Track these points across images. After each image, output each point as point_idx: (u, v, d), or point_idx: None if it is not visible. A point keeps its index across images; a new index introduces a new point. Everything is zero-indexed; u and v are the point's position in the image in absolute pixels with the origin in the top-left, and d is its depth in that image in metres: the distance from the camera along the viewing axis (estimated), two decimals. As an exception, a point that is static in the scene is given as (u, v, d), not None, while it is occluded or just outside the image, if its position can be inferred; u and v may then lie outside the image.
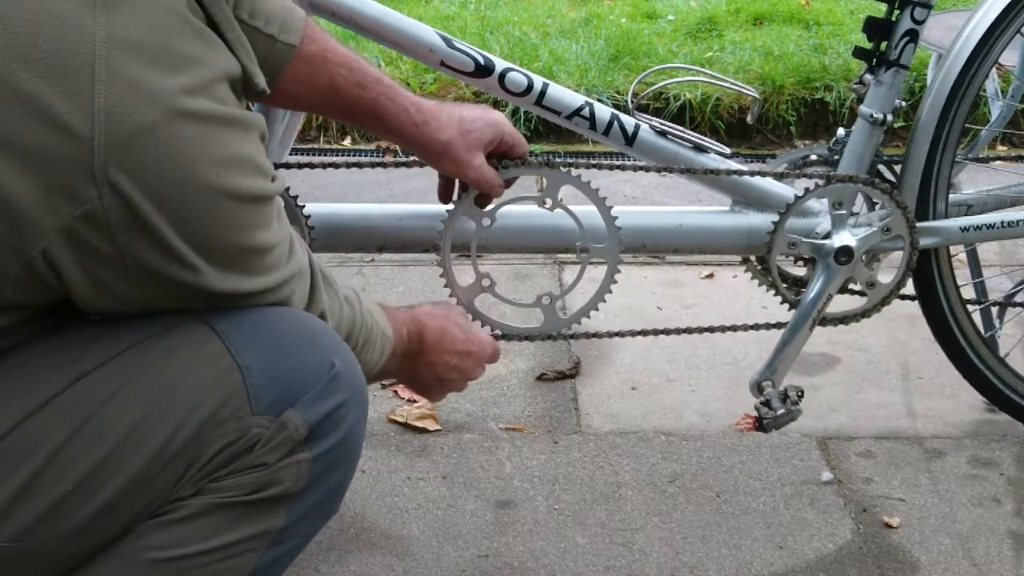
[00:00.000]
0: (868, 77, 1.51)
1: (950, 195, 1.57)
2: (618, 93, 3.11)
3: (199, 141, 0.86)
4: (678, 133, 1.50)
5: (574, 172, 1.43)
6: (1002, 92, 2.34)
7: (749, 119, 1.95)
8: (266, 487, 0.93)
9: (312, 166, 1.52)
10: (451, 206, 1.42)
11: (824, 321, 1.56)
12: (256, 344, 0.93)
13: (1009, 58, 1.99)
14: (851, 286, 1.57)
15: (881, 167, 1.56)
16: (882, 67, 1.50)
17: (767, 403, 1.52)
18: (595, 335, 1.56)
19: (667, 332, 1.57)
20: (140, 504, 0.90)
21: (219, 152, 0.88)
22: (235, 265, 0.92)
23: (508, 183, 1.39)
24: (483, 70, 1.44)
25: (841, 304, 1.57)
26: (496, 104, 3.12)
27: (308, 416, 0.93)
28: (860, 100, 1.52)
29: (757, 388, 1.54)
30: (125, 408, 0.89)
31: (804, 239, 1.51)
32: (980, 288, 1.85)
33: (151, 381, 0.90)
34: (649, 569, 1.43)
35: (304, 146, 3.10)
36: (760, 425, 1.53)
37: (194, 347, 0.92)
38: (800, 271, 1.58)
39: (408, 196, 2.60)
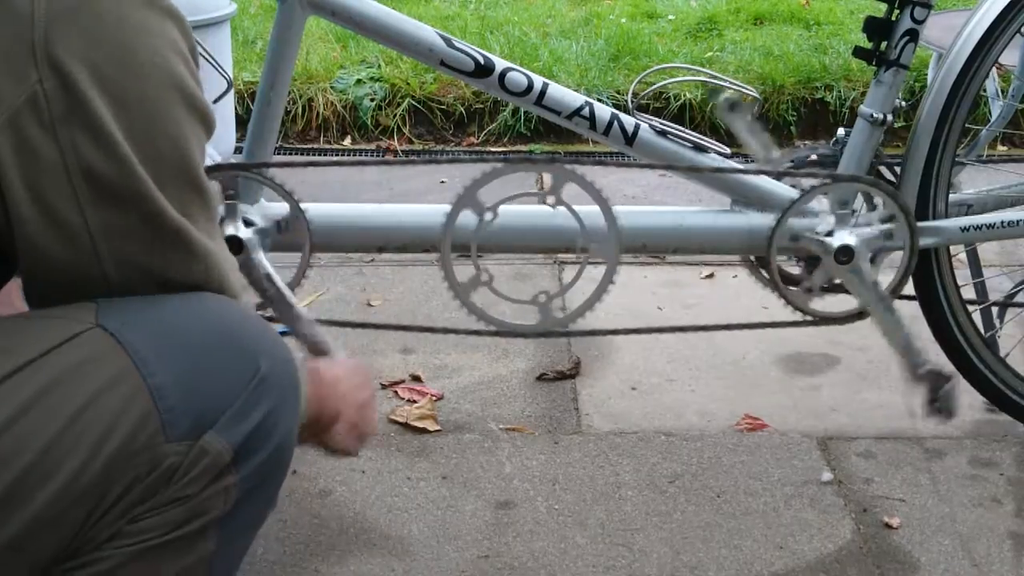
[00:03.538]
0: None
1: (950, 195, 1.57)
2: (618, 93, 3.11)
3: (148, 20, 0.81)
4: (678, 133, 1.50)
5: (578, 171, 1.43)
6: (1002, 92, 2.34)
7: (749, 119, 1.95)
8: (191, 519, 0.84)
9: (313, 165, 1.52)
10: (450, 206, 1.43)
11: (824, 321, 1.56)
12: (167, 355, 0.82)
13: (1009, 58, 1.99)
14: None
15: (881, 167, 1.56)
16: (882, 67, 1.50)
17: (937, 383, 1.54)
18: (595, 334, 1.56)
19: (667, 331, 1.57)
20: (49, 544, 0.80)
21: (168, 37, 0.83)
22: (174, 186, 0.84)
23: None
24: (483, 70, 1.45)
25: (841, 304, 1.57)
26: (496, 104, 3.13)
27: (232, 437, 0.84)
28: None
29: (926, 375, 1.54)
30: (23, 440, 0.77)
31: (804, 239, 1.51)
32: (980, 288, 1.85)
33: (52, 408, 0.78)
34: (649, 569, 1.43)
35: (304, 146, 3.10)
36: (942, 405, 1.55)
37: (98, 365, 0.80)
38: (800, 271, 1.58)
39: (408, 196, 2.60)
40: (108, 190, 0.81)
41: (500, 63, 1.45)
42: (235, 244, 1.44)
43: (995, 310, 1.85)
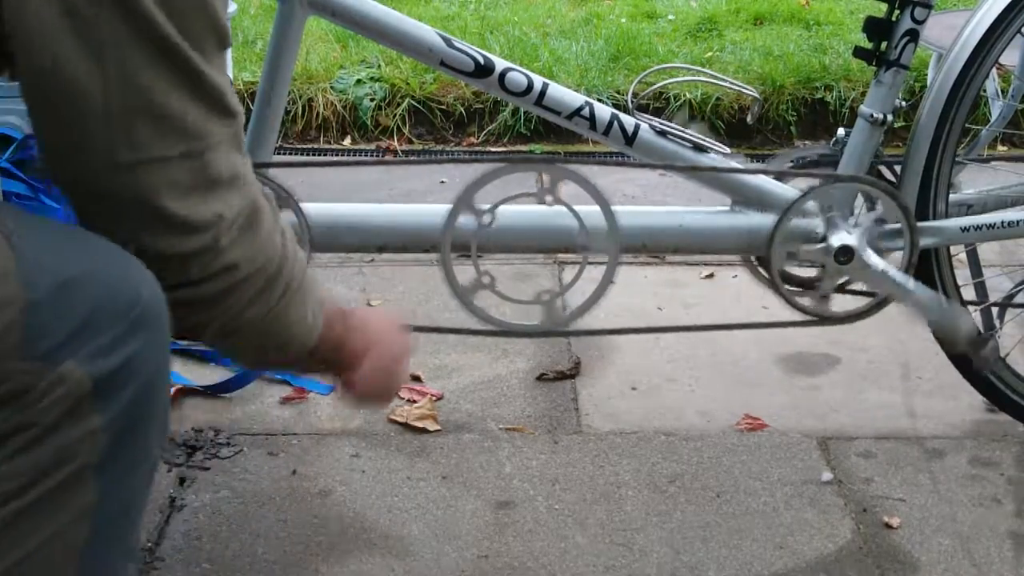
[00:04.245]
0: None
1: (950, 195, 1.57)
2: (618, 93, 3.11)
3: None
4: (678, 133, 1.50)
5: (581, 171, 1.43)
6: (1002, 92, 2.34)
7: (749, 119, 1.95)
8: (58, 467, 0.79)
9: (313, 165, 1.52)
10: (450, 205, 1.43)
11: (824, 321, 1.56)
12: (50, 271, 0.78)
13: (1009, 58, 1.99)
14: (852, 286, 1.57)
15: (882, 167, 1.56)
16: (882, 67, 1.50)
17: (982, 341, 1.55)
18: (595, 334, 1.56)
19: (667, 331, 1.57)
20: None
21: None
22: (188, 16, 0.82)
23: None
24: (483, 70, 1.45)
25: (841, 304, 1.57)
26: (496, 104, 3.13)
27: (93, 368, 0.79)
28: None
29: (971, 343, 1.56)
30: None
31: (804, 239, 1.51)
32: (980, 288, 1.85)
33: None
34: (649, 569, 1.43)
35: (304, 146, 3.10)
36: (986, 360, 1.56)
37: None
38: (800, 271, 1.58)
39: (408, 196, 2.60)
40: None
41: (500, 63, 1.45)
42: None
43: (995, 310, 1.85)
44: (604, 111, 1.49)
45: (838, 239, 1.50)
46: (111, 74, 0.80)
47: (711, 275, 2.27)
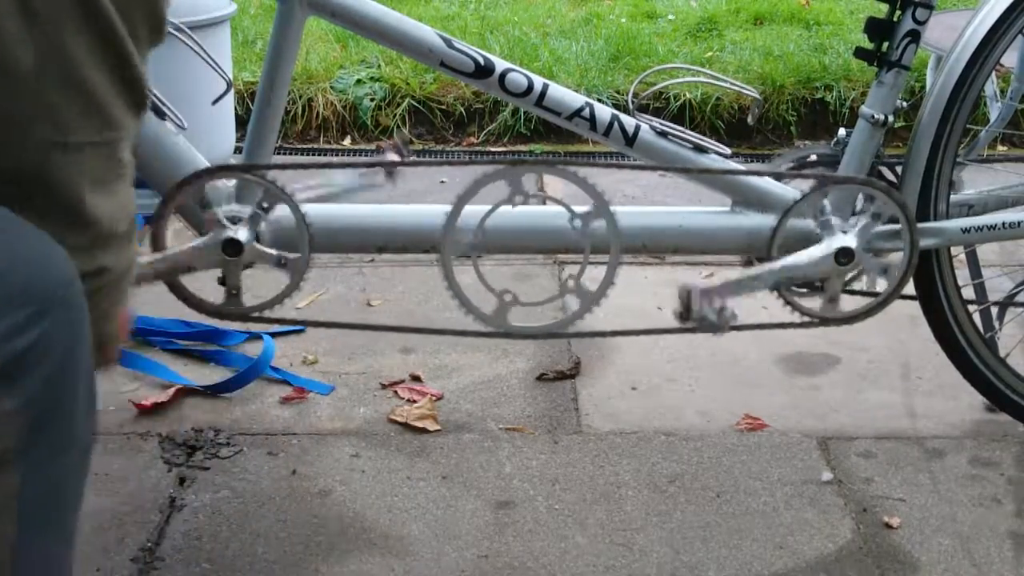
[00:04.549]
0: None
1: (951, 196, 1.57)
2: (618, 93, 3.11)
3: None
4: (678, 133, 1.50)
5: (580, 172, 1.43)
6: (1001, 93, 2.35)
7: (750, 120, 1.95)
8: None
9: (313, 166, 1.52)
10: (450, 206, 1.43)
11: (825, 321, 1.56)
12: None
13: (1008, 59, 1.99)
14: (852, 286, 1.57)
15: (882, 168, 1.56)
16: (883, 68, 1.50)
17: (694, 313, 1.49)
18: (596, 336, 1.56)
19: (668, 332, 1.57)
20: None
21: None
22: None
23: None
24: (483, 71, 1.45)
25: (842, 304, 1.57)
26: (496, 104, 3.13)
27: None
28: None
29: (686, 291, 1.50)
30: None
31: (804, 240, 1.51)
32: (980, 289, 1.85)
33: None
34: (649, 569, 1.43)
35: (304, 146, 3.10)
36: (683, 314, 1.50)
37: None
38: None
39: (408, 196, 2.59)
40: None
41: (500, 64, 1.45)
42: (234, 245, 1.44)
43: (995, 310, 1.85)
44: (604, 112, 1.49)
45: (839, 240, 1.50)
46: (43, 45, 0.78)
47: (711, 275, 2.26)
